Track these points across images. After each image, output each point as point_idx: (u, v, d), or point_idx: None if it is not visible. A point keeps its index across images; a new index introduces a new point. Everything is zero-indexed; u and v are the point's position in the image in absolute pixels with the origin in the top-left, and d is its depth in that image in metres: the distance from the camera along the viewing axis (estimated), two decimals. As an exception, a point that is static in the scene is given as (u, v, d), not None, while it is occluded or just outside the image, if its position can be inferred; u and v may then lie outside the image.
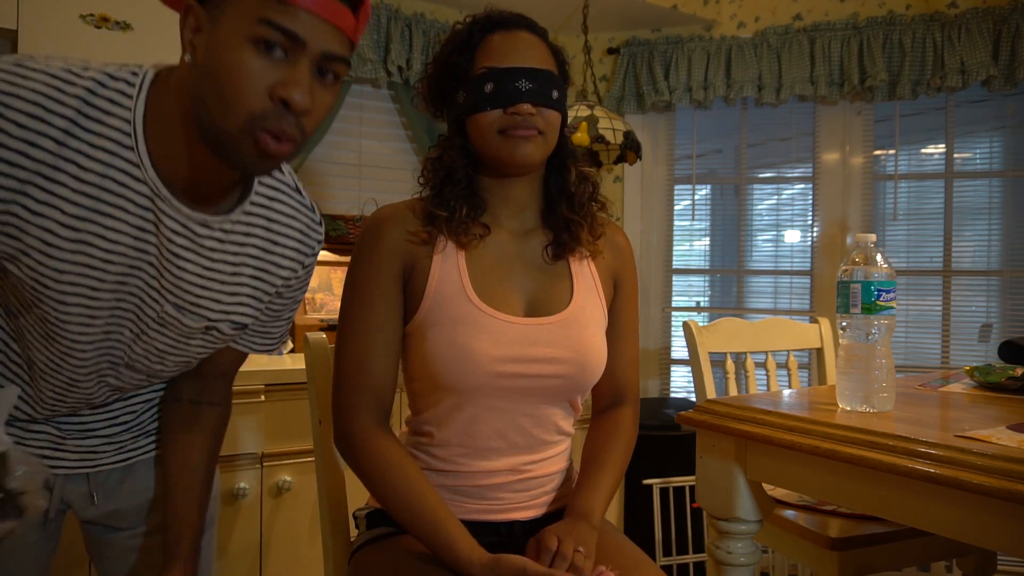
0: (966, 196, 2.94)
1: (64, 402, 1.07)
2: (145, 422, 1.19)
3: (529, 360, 1.10)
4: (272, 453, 2.05)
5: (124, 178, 0.90)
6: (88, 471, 1.14)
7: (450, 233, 1.12)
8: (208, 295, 1.02)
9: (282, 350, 2.38)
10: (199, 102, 0.86)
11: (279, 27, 0.82)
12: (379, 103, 2.95)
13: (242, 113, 0.84)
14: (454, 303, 1.10)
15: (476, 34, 1.13)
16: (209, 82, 0.84)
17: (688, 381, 3.25)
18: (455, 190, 1.14)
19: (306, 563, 2.09)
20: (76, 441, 1.12)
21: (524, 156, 1.10)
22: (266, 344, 1.17)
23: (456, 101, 1.13)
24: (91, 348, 1.01)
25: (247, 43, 0.83)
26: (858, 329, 1.20)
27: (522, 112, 1.08)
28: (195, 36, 0.86)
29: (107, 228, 0.91)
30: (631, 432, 1.24)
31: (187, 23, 0.86)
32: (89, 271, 0.93)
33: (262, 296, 1.07)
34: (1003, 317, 2.87)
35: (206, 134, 0.88)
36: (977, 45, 2.71)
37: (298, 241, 1.07)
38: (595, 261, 1.21)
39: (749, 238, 3.23)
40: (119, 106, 0.89)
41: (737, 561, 1.29)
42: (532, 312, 1.14)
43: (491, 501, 1.14)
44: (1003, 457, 0.93)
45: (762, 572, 2.62)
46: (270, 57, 0.83)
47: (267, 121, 0.85)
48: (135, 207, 0.92)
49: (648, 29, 3.17)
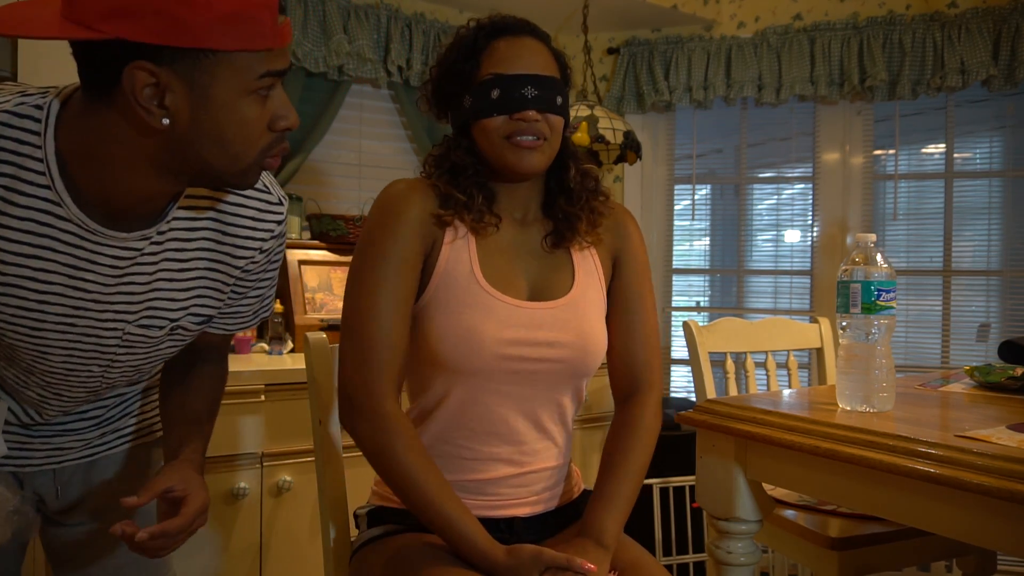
0: (966, 196, 2.94)
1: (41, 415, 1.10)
2: (114, 417, 1.19)
3: (532, 343, 1.11)
4: (272, 453, 2.05)
5: (47, 218, 0.88)
6: (55, 467, 1.15)
7: (467, 217, 1.13)
8: (163, 296, 1.01)
9: (282, 350, 2.38)
10: (194, 158, 0.86)
11: (275, 73, 0.85)
12: (379, 103, 2.95)
13: (251, 155, 0.88)
14: (462, 285, 1.11)
15: (481, 40, 1.14)
16: (210, 142, 0.85)
17: (688, 381, 3.25)
18: (467, 179, 1.15)
19: (306, 563, 2.09)
20: (44, 439, 1.13)
21: (530, 166, 1.12)
22: (240, 324, 1.17)
23: (462, 105, 1.15)
24: (55, 377, 1.02)
25: (248, 96, 0.84)
26: (858, 329, 1.20)
27: (528, 119, 1.10)
28: (167, 99, 0.81)
29: (36, 270, 0.90)
30: (651, 426, 1.18)
31: (137, 83, 0.79)
32: (26, 313, 0.93)
33: (221, 287, 1.06)
34: (1003, 317, 2.87)
35: (201, 177, 0.90)
36: (977, 45, 2.71)
37: (251, 228, 1.04)
38: (597, 248, 1.22)
39: (749, 238, 3.23)
40: (28, 145, 0.86)
41: (737, 561, 1.29)
42: (535, 297, 1.16)
43: (490, 497, 1.14)
44: (1003, 457, 0.93)
45: (762, 572, 2.62)
46: (264, 98, 0.86)
47: (272, 149, 0.89)
48: (64, 246, 0.90)
49: (648, 29, 3.17)
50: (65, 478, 1.16)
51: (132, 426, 1.21)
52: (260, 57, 0.83)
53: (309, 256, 2.60)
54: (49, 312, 0.93)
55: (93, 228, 0.90)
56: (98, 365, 1.03)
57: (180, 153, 0.85)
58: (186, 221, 0.99)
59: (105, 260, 0.93)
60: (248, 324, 1.18)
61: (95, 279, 0.94)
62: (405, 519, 1.15)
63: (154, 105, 0.81)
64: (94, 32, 0.77)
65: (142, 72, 0.79)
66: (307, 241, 2.63)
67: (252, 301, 1.15)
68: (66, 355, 0.99)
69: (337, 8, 2.66)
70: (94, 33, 0.77)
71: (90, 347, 1.00)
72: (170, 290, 1.01)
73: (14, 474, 1.13)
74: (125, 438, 1.20)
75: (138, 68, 0.79)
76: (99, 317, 0.97)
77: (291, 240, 2.59)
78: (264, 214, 1.05)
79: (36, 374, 1.02)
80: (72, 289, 0.93)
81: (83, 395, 1.08)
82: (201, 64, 0.80)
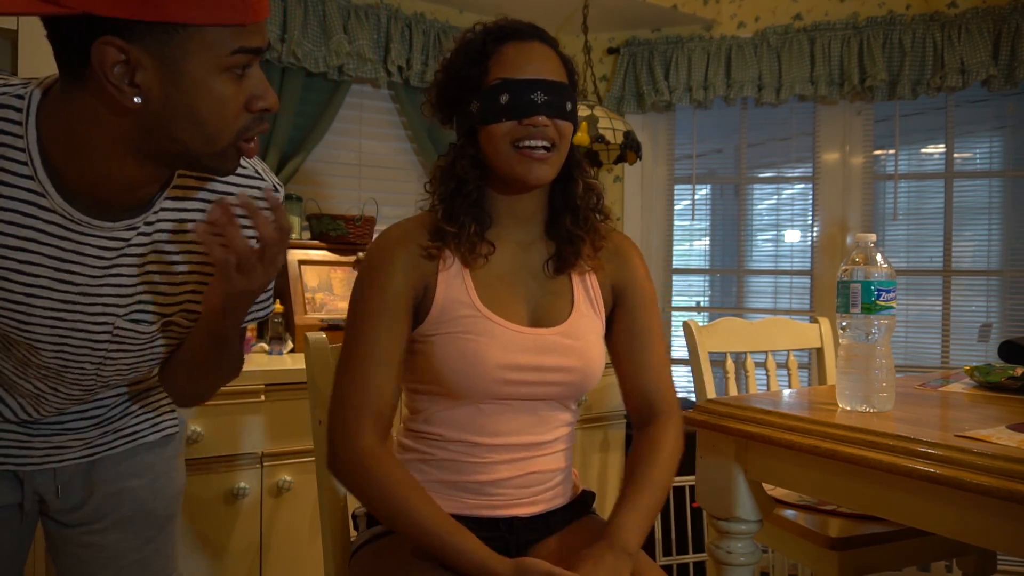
0: (966, 196, 2.94)
1: (39, 410, 1.09)
2: (115, 417, 1.19)
3: (536, 368, 1.12)
4: (272, 453, 2.05)
5: (31, 209, 0.87)
6: (55, 466, 1.15)
7: (456, 250, 1.12)
8: (154, 289, 1.00)
9: (282, 350, 2.38)
10: (168, 139, 0.84)
11: (250, 50, 0.83)
12: (379, 103, 2.95)
13: (227, 136, 0.85)
14: (463, 313, 1.11)
15: (490, 44, 1.13)
16: (184, 121, 0.83)
17: (688, 381, 3.25)
18: (465, 203, 1.13)
19: (306, 563, 2.09)
20: (44, 438, 1.13)
21: (538, 178, 1.11)
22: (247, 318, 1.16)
23: (468, 111, 1.13)
24: (49, 371, 1.01)
25: (222, 74, 0.82)
26: (858, 329, 1.20)
27: (537, 124, 1.08)
28: (137, 77, 0.79)
29: (22, 263, 0.89)
30: (673, 446, 1.16)
31: (107, 59, 0.78)
32: (13, 306, 0.92)
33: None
34: (1003, 317, 2.87)
35: (179, 160, 0.88)
36: (977, 45, 2.71)
37: (243, 217, 1.02)
38: (596, 273, 1.21)
39: (749, 238, 3.23)
40: (9, 135, 0.85)
41: (737, 561, 1.29)
42: (535, 322, 1.15)
43: (491, 497, 1.14)
44: (1003, 457, 0.93)
45: (762, 572, 2.62)
46: (239, 76, 0.84)
47: (248, 131, 0.87)
48: (49, 237, 0.90)
49: (648, 29, 3.18)
50: (65, 478, 1.16)
51: (133, 426, 1.21)
52: (233, 32, 0.81)
53: (309, 256, 2.60)
54: (37, 305, 0.93)
55: (78, 218, 0.89)
56: (90, 362, 1.02)
57: (155, 134, 0.84)
58: (175, 212, 0.98)
59: (91, 251, 0.92)
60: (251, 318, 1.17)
61: (82, 271, 0.93)
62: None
63: (125, 83, 0.79)
64: (60, 7, 0.75)
65: (111, 48, 0.77)
66: (307, 241, 2.63)
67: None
68: (57, 350, 0.98)
69: (337, 8, 2.66)
70: (60, 8, 0.75)
71: (81, 342, 0.99)
72: (161, 283, 1.00)
73: (14, 473, 1.13)
74: (126, 438, 1.20)
75: (106, 44, 0.77)
76: (88, 311, 0.96)
77: (291, 240, 2.59)
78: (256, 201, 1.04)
79: (32, 367, 1.01)
80: (59, 282, 0.92)
81: (79, 393, 1.08)
82: (171, 39, 0.78)
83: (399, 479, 1.05)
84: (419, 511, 1.03)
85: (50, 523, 1.20)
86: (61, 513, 1.18)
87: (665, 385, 1.21)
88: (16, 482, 1.13)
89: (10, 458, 1.11)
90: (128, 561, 1.19)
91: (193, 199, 0.99)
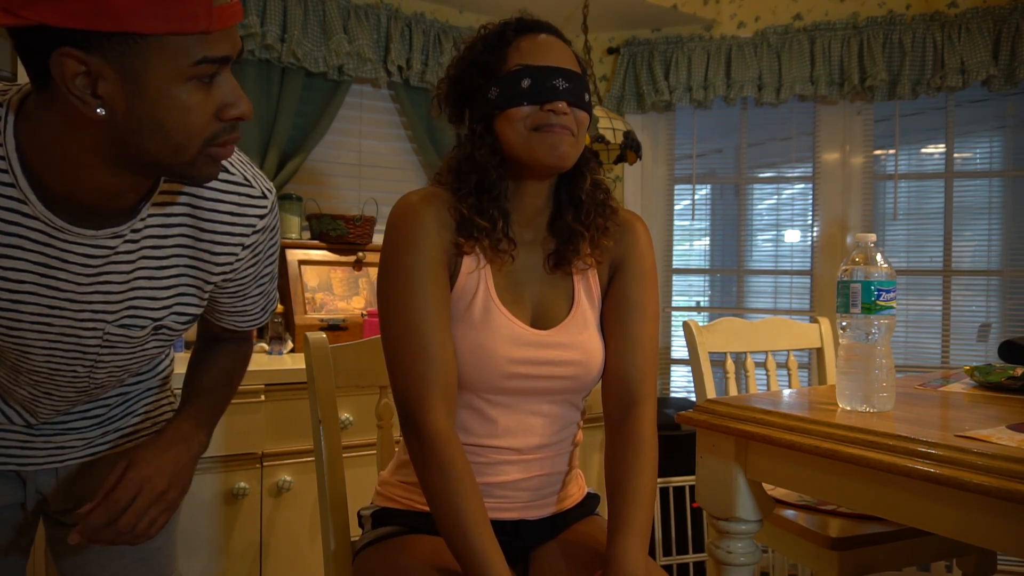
0: (966, 196, 2.94)
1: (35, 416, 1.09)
2: (116, 416, 1.19)
3: (541, 363, 1.12)
4: (272, 453, 2.05)
5: (13, 216, 0.87)
6: (57, 466, 1.15)
7: (489, 246, 1.11)
8: (143, 295, 1.00)
9: (282, 350, 2.38)
10: (136, 149, 0.83)
11: (215, 59, 0.81)
12: (379, 103, 2.95)
13: (196, 145, 0.84)
14: (479, 304, 1.11)
15: (509, 33, 1.13)
16: (149, 131, 0.81)
17: (688, 381, 3.25)
18: (490, 196, 1.12)
19: (306, 563, 2.09)
20: (46, 438, 1.13)
21: (561, 155, 1.08)
22: (250, 321, 1.18)
23: (486, 97, 1.12)
24: (41, 376, 1.02)
25: (186, 83, 0.80)
26: (858, 329, 1.20)
27: (558, 110, 1.08)
28: (100, 88, 0.78)
29: (7, 269, 0.89)
30: (651, 442, 1.13)
31: (67, 71, 0.76)
32: (1, 313, 0.92)
33: (203, 285, 1.04)
34: (1003, 317, 2.87)
35: (151, 169, 0.87)
36: (977, 45, 2.71)
37: (229, 223, 1.01)
38: (598, 267, 1.21)
39: (749, 238, 3.23)
40: None
41: (737, 561, 1.29)
42: (537, 320, 1.15)
43: (499, 499, 1.14)
44: (1003, 457, 0.93)
45: (762, 572, 2.62)
46: (207, 85, 0.83)
47: (219, 139, 0.86)
48: (33, 244, 0.89)
49: (648, 29, 3.18)
50: (68, 477, 1.16)
51: (135, 425, 1.21)
52: (197, 40, 0.79)
53: (309, 256, 2.60)
54: (24, 312, 0.93)
55: (60, 226, 0.88)
56: (82, 366, 1.02)
57: (124, 144, 0.82)
58: (161, 218, 0.97)
59: (76, 259, 0.92)
60: (259, 321, 1.19)
61: (68, 278, 0.93)
62: (409, 521, 1.16)
63: (88, 95, 0.78)
64: (16, 18, 0.74)
65: (70, 60, 0.76)
66: (307, 241, 2.63)
67: (257, 298, 1.15)
68: (47, 355, 0.98)
69: (337, 8, 2.66)
70: (16, 19, 0.74)
71: (71, 347, 0.99)
72: (150, 288, 1.00)
73: (16, 473, 1.13)
74: (128, 437, 1.20)
75: (64, 55, 0.76)
76: (76, 317, 0.96)
77: (291, 240, 2.59)
78: (244, 208, 1.01)
79: (24, 373, 1.01)
80: (45, 288, 0.92)
81: (73, 395, 1.08)
82: (131, 49, 0.77)
83: (461, 471, 1.02)
84: (465, 510, 1.00)
85: (52, 522, 1.20)
86: (63, 513, 1.18)
87: (648, 365, 1.16)
88: (18, 482, 1.13)
89: (12, 458, 1.11)
90: (128, 561, 1.19)
91: (179, 205, 0.98)
